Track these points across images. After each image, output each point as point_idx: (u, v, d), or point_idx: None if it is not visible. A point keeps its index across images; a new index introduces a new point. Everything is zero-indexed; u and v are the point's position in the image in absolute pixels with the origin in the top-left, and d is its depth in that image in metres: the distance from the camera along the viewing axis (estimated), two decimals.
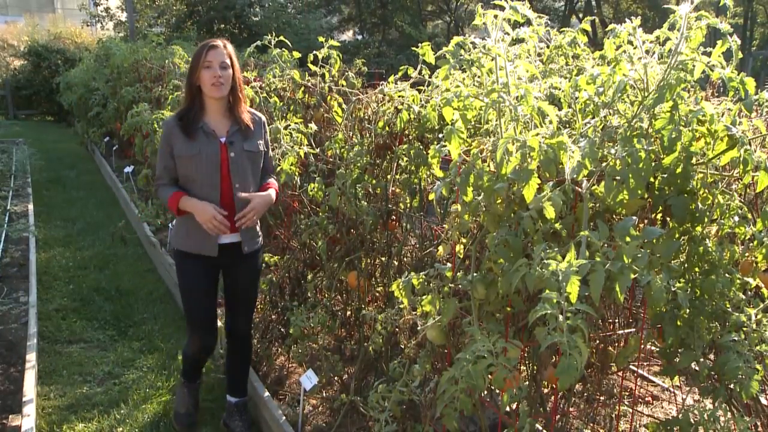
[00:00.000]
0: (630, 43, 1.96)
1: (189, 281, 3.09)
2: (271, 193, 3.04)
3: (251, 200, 2.94)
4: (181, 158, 2.91)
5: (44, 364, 4.11)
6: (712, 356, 2.01)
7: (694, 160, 1.79)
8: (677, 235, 1.85)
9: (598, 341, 2.51)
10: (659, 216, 1.94)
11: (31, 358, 3.91)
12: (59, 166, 10.82)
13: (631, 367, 3.16)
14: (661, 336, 1.98)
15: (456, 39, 1.96)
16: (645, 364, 3.69)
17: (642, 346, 2.37)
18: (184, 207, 2.93)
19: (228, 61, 2.90)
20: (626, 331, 2.64)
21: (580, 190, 1.72)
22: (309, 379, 3.10)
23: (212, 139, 2.93)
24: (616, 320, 2.83)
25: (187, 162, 2.91)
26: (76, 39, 19.65)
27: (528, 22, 2.12)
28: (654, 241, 1.65)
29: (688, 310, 1.84)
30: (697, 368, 1.93)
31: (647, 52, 1.90)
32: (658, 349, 2.11)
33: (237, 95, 2.98)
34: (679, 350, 1.92)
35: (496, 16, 1.92)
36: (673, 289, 1.68)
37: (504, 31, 1.93)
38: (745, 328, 1.84)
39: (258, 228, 3.16)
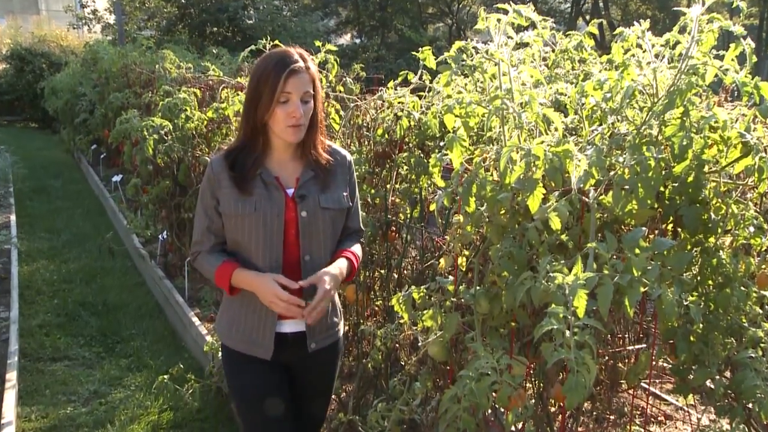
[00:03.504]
0: (639, 46, 1.97)
1: (242, 388, 2.28)
2: (342, 265, 2.23)
3: (319, 285, 2.13)
4: (230, 218, 2.17)
5: (26, 383, 4.10)
6: (728, 373, 2.01)
7: (706, 169, 1.79)
8: (689, 247, 1.85)
9: (607, 357, 2.51)
10: (670, 227, 1.94)
11: (12, 377, 3.90)
12: (44, 175, 10.84)
13: (642, 384, 3.16)
14: (673, 352, 1.98)
15: (458, 44, 1.98)
16: (657, 381, 3.68)
17: (654, 363, 2.36)
18: (239, 284, 2.17)
19: (311, 90, 2.13)
20: (637, 346, 2.64)
21: (587, 200, 1.73)
22: None
23: (275, 192, 2.17)
24: (626, 335, 2.83)
25: (238, 223, 2.16)
26: (61, 42, 19.74)
27: (533, 25, 2.14)
28: (665, 252, 1.65)
29: (701, 325, 1.84)
30: (712, 386, 1.92)
31: (657, 56, 1.91)
32: (670, 366, 2.10)
33: (315, 129, 2.22)
34: (693, 367, 1.92)
35: (499, 20, 1.93)
36: (685, 303, 1.68)
37: (507, 35, 1.95)
38: (762, 344, 1.84)
39: (336, 313, 2.38)
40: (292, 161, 2.23)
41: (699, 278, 1.88)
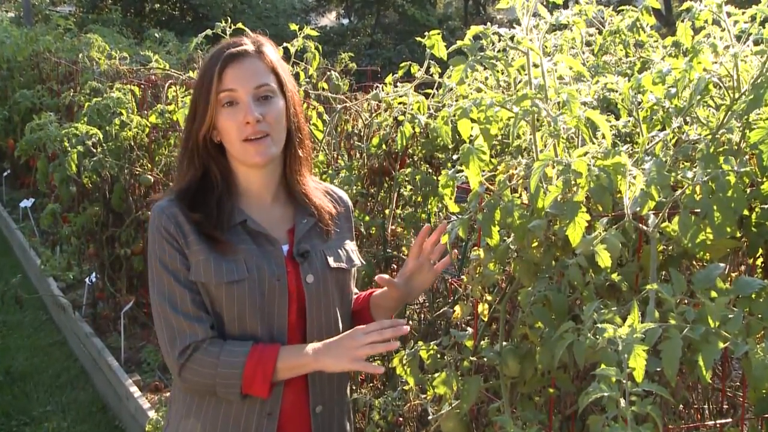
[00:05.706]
0: (716, 24, 1.99)
1: None
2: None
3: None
4: (207, 288, 1.91)
5: None
6: None
7: None
8: None
9: None
10: (759, 262, 1.96)
11: None
12: None
13: None
14: None
15: (474, 29, 2.01)
16: None
17: None
18: (290, 369, 1.88)
19: (274, 84, 1.93)
20: (720, 422, 2.64)
21: (645, 228, 1.75)
22: None
23: (268, 246, 1.96)
24: (705, 406, 2.83)
25: (218, 297, 1.90)
26: None
27: None
28: (752, 296, 1.66)
29: None
30: None
31: (739, 37, 1.93)
32: None
33: (295, 148, 2.02)
34: None
35: None
36: None
37: (539, 15, 1.98)
38: None
39: (351, 420, 2.26)
40: (276, 206, 2.05)
41: None
